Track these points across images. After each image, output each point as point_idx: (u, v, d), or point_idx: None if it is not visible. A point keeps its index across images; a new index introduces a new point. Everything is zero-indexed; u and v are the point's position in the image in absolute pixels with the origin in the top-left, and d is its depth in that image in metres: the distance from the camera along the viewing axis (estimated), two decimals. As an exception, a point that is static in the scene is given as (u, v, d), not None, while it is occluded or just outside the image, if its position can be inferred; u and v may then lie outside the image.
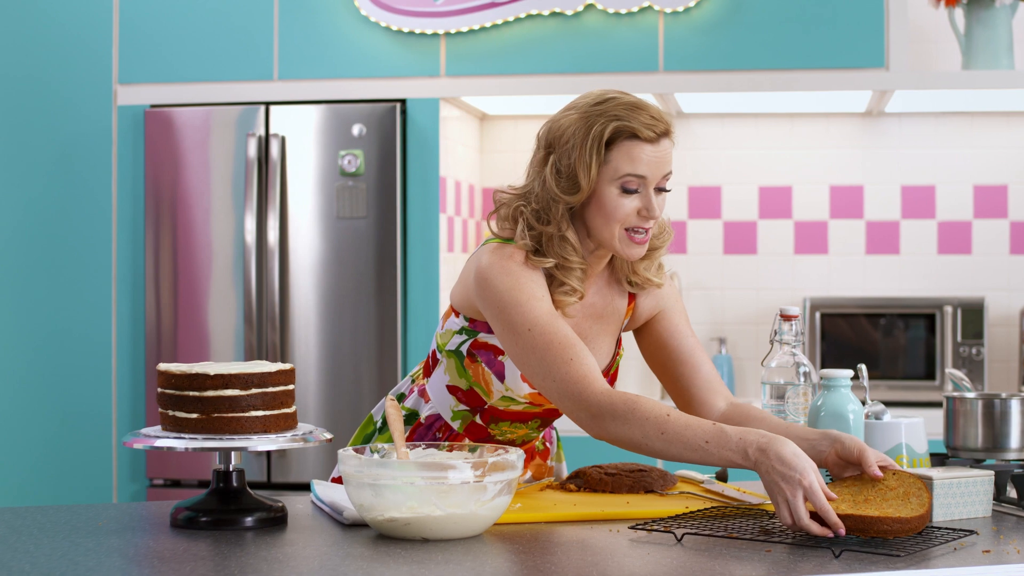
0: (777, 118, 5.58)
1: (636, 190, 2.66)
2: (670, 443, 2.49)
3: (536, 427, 2.93)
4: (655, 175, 2.67)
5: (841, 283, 5.53)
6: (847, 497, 2.37)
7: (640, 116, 2.64)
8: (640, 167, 2.64)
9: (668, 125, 2.68)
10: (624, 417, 2.54)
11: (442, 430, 2.91)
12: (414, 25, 5.03)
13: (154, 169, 5.17)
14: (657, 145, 2.66)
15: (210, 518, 2.46)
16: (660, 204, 2.70)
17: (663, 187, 2.69)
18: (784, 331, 2.83)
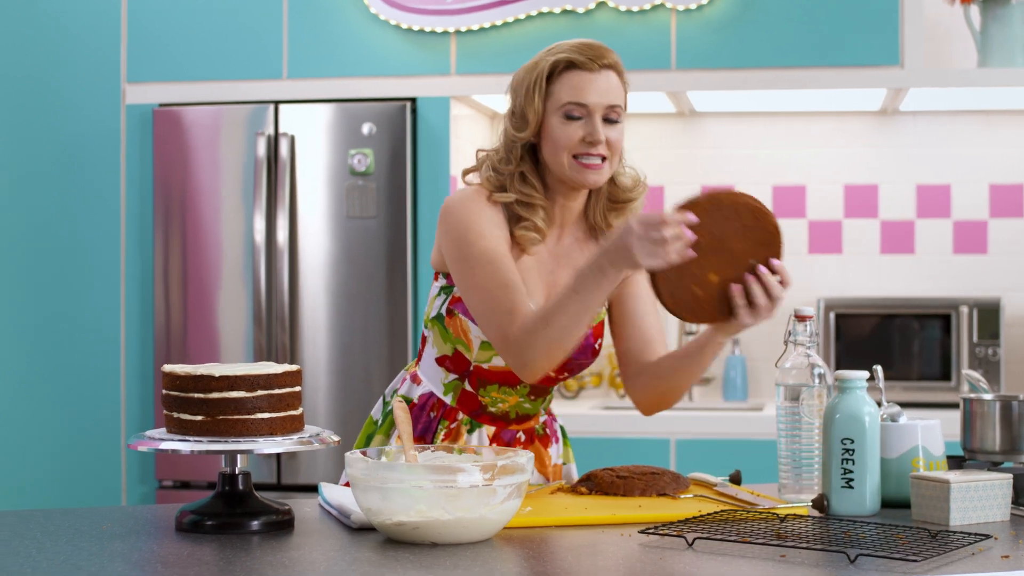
0: (791, 116, 5.54)
1: (579, 117, 2.79)
2: (556, 321, 2.65)
3: (526, 394, 2.94)
4: (597, 103, 2.78)
5: (856, 283, 5.49)
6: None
7: (582, 50, 2.80)
8: (579, 95, 2.78)
9: (611, 59, 2.81)
10: (528, 341, 2.69)
11: (436, 408, 2.96)
12: (424, 23, 5.00)
13: (163, 168, 5.14)
14: (597, 74, 2.79)
15: (215, 522, 2.43)
16: (613, 137, 2.81)
17: (611, 118, 2.81)
18: (798, 332, 2.79)
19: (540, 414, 3.02)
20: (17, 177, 5.24)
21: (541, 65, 2.83)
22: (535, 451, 3.00)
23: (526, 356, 2.71)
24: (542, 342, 2.68)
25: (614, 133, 2.82)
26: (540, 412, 3.02)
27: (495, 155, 2.90)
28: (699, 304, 2.66)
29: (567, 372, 2.95)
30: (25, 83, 5.24)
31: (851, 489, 2.59)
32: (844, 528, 2.39)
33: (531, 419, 3.00)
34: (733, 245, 2.63)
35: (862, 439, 2.59)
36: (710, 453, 4.83)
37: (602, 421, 4.96)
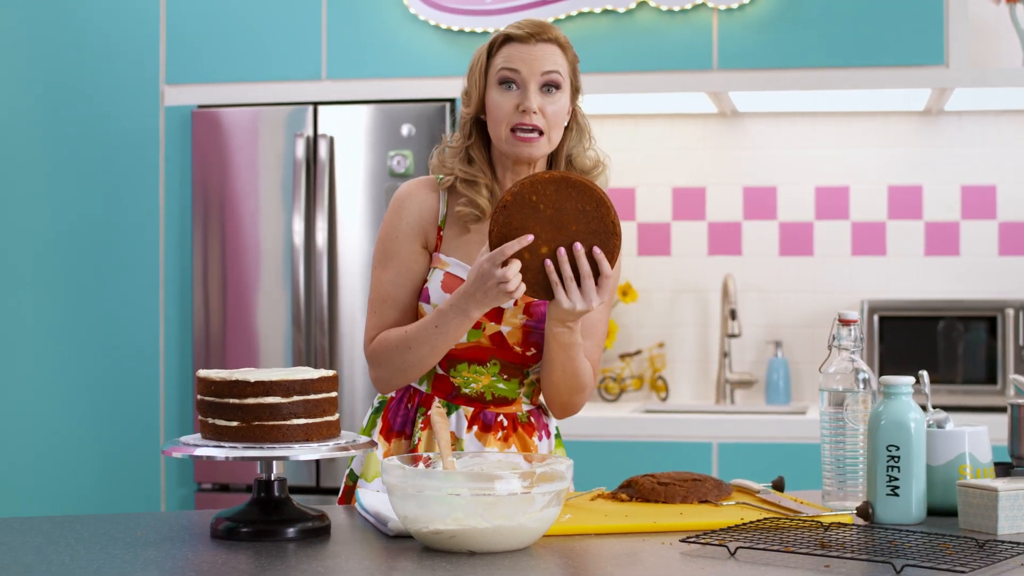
0: (834, 117, 5.48)
1: (513, 85, 2.83)
2: (416, 350, 2.81)
3: (497, 372, 2.93)
4: (530, 71, 2.81)
5: (899, 285, 5.43)
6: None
7: (521, 25, 2.86)
8: (513, 62, 2.82)
9: (552, 34, 2.85)
10: (386, 357, 2.88)
11: (412, 398, 2.98)
12: (464, 23, 4.97)
13: (202, 170, 5.13)
14: (530, 44, 2.83)
15: (251, 529, 2.40)
16: (551, 109, 2.83)
17: (552, 83, 2.84)
18: (843, 336, 2.74)
19: (520, 400, 2.98)
20: (56, 179, 5.24)
21: (487, 42, 2.91)
22: (519, 439, 2.96)
23: (380, 371, 2.90)
24: (399, 363, 2.85)
25: (551, 104, 2.84)
26: (520, 397, 2.98)
27: (451, 138, 2.98)
28: (524, 269, 2.68)
29: (533, 347, 2.92)
30: (64, 85, 5.24)
31: (896, 497, 2.55)
32: (889, 537, 2.35)
33: (511, 404, 2.97)
34: (570, 225, 2.67)
35: (908, 446, 2.55)
36: (753, 457, 4.78)
37: (643, 424, 4.92)
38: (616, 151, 5.58)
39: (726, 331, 5.37)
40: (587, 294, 2.68)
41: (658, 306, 5.56)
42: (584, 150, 2.96)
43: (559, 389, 2.91)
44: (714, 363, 5.53)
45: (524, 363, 2.94)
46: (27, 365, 5.24)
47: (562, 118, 2.87)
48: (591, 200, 2.67)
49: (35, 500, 5.20)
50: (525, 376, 2.97)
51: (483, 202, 2.90)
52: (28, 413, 5.23)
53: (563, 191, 2.66)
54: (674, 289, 5.55)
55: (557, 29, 2.89)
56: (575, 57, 2.92)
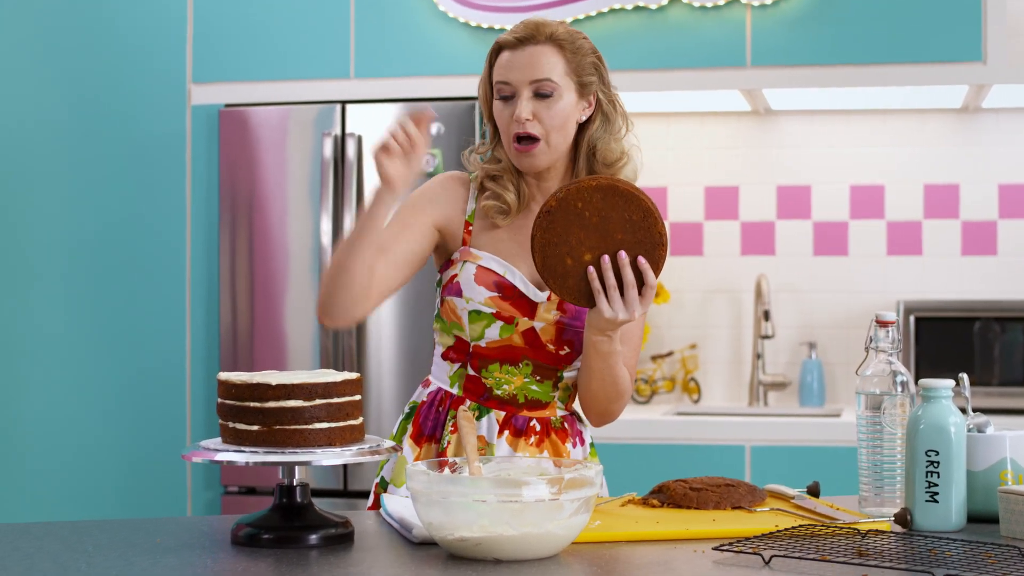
0: (869, 114, 5.42)
1: (509, 97, 2.80)
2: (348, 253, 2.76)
3: (530, 373, 2.88)
4: (519, 79, 2.78)
5: (936, 285, 5.36)
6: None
7: (512, 29, 2.83)
8: (502, 74, 2.80)
9: (542, 33, 2.80)
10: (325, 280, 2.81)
11: (443, 402, 2.94)
12: (493, 21, 4.93)
13: (229, 170, 5.10)
14: (518, 50, 2.80)
15: (272, 535, 2.35)
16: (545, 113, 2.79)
17: (543, 92, 2.78)
18: (880, 338, 2.68)
19: (555, 403, 2.93)
20: (82, 180, 5.22)
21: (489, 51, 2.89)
22: (551, 444, 2.92)
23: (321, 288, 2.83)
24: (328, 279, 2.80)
25: (546, 109, 2.79)
26: (554, 401, 2.93)
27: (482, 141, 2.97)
28: (566, 275, 2.65)
29: (567, 346, 2.87)
30: (90, 84, 5.22)
31: (936, 504, 2.48)
32: (929, 545, 2.29)
33: (544, 407, 2.92)
34: (615, 233, 2.64)
35: (947, 451, 2.49)
36: (786, 460, 4.73)
37: (675, 427, 4.87)
38: (648, 150, 5.51)
39: (759, 332, 5.33)
40: (630, 304, 2.64)
41: (690, 307, 5.51)
42: (609, 140, 2.89)
43: (597, 397, 2.86)
44: (747, 365, 5.48)
45: (557, 364, 2.89)
46: (54, 368, 5.22)
47: (562, 120, 2.81)
48: (638, 210, 2.63)
49: (61, 503, 5.18)
50: (559, 379, 2.91)
51: (509, 196, 2.87)
52: (55, 416, 5.22)
53: (609, 199, 2.62)
54: (707, 290, 5.50)
55: (556, 26, 2.83)
56: (582, 49, 2.84)
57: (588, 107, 2.87)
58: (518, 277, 2.86)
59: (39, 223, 5.23)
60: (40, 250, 5.23)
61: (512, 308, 2.85)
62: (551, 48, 2.80)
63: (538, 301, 2.85)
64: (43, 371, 5.23)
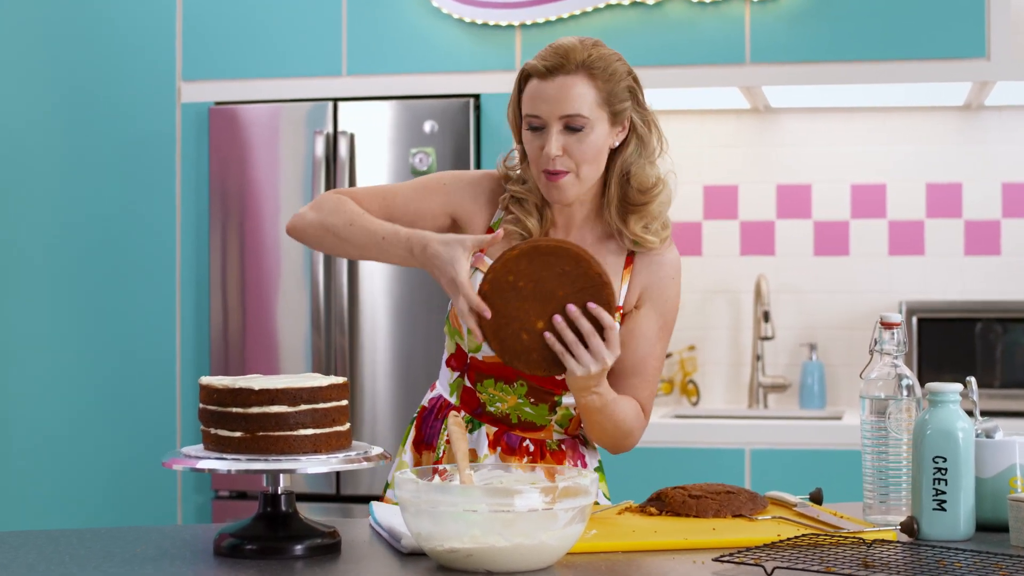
0: (870, 112, 5.36)
1: (539, 128, 2.70)
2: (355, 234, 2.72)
3: (524, 394, 2.80)
4: (549, 112, 2.68)
5: (938, 286, 5.30)
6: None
7: (543, 56, 2.70)
8: (533, 106, 2.70)
9: (573, 61, 2.68)
10: (326, 205, 2.78)
11: (442, 409, 2.88)
12: (488, 16, 4.86)
13: (219, 168, 5.03)
14: (548, 81, 2.68)
15: (256, 546, 2.28)
16: (577, 148, 2.69)
17: (573, 127, 2.68)
18: (885, 340, 2.61)
19: (551, 427, 2.85)
20: (70, 178, 5.16)
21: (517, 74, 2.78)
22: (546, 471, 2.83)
23: (313, 213, 2.80)
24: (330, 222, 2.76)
25: (577, 143, 2.68)
26: (550, 425, 2.84)
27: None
28: (528, 350, 2.59)
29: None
30: (79, 82, 5.16)
31: (943, 512, 2.42)
32: (937, 556, 2.22)
33: (539, 430, 2.84)
34: (556, 291, 2.57)
35: (955, 457, 2.42)
36: (787, 464, 4.67)
37: (673, 430, 4.81)
38: (645, 148, 5.48)
39: (759, 333, 5.27)
40: (597, 352, 2.55)
41: (689, 308, 5.45)
42: (644, 165, 2.78)
43: (604, 441, 2.80)
44: (747, 366, 5.42)
45: (554, 388, 2.80)
46: (40, 369, 5.16)
47: (594, 153, 2.70)
48: (567, 260, 2.56)
49: (48, 508, 5.13)
50: (556, 404, 2.83)
51: (531, 222, 2.78)
52: (41, 419, 5.16)
53: (536, 261, 2.56)
54: (705, 290, 5.44)
55: (589, 51, 2.70)
56: (616, 75, 2.71)
57: (622, 131, 2.76)
58: None
59: (26, 221, 5.17)
60: (26, 249, 5.17)
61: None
62: (582, 78, 2.68)
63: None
64: (29, 372, 5.17)
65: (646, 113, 2.79)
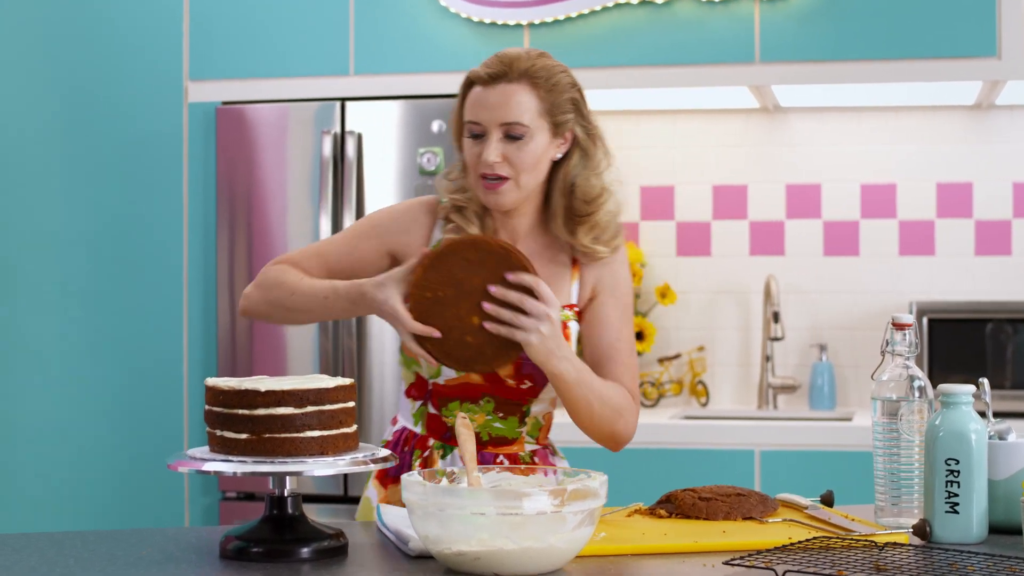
0: (880, 112, 5.32)
1: (480, 136, 2.70)
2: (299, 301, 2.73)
3: (492, 410, 2.78)
4: (490, 119, 2.68)
5: (949, 286, 5.27)
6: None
7: (486, 63, 2.73)
8: (474, 112, 2.70)
9: (515, 70, 2.69)
10: (267, 282, 2.80)
11: (407, 441, 2.85)
12: (496, 16, 4.83)
13: (226, 169, 5.01)
14: (490, 88, 2.69)
15: (262, 548, 2.26)
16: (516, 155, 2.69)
17: (513, 135, 2.68)
18: (896, 341, 2.58)
19: (523, 439, 2.82)
20: (76, 179, 5.13)
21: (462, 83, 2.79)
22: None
23: (256, 291, 2.81)
24: (274, 296, 2.78)
25: (516, 151, 2.69)
26: (521, 436, 2.82)
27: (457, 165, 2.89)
28: (479, 350, 2.58)
29: (528, 379, 2.77)
30: (86, 81, 5.14)
31: (956, 514, 2.39)
32: (949, 559, 2.19)
33: (511, 443, 2.82)
34: (473, 282, 2.56)
35: (968, 459, 2.39)
36: (796, 465, 4.64)
37: (682, 431, 4.78)
38: (654, 148, 5.46)
39: (768, 334, 5.24)
40: (536, 310, 2.54)
41: (698, 308, 5.42)
42: (589, 176, 2.79)
43: (596, 426, 2.74)
44: (756, 367, 5.38)
45: (520, 398, 2.79)
46: (47, 371, 5.14)
47: (533, 161, 2.71)
48: (467, 250, 2.57)
49: (55, 510, 5.11)
50: (525, 414, 2.81)
51: (473, 230, 2.78)
52: (48, 421, 5.14)
53: (441, 267, 2.57)
54: (714, 291, 5.41)
55: (533, 60, 2.71)
56: (559, 86, 2.73)
57: (564, 143, 2.77)
58: None
59: (32, 222, 5.15)
60: (33, 250, 5.15)
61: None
62: (524, 87, 2.69)
63: None
64: (36, 374, 5.15)
65: (590, 126, 2.80)
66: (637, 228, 5.46)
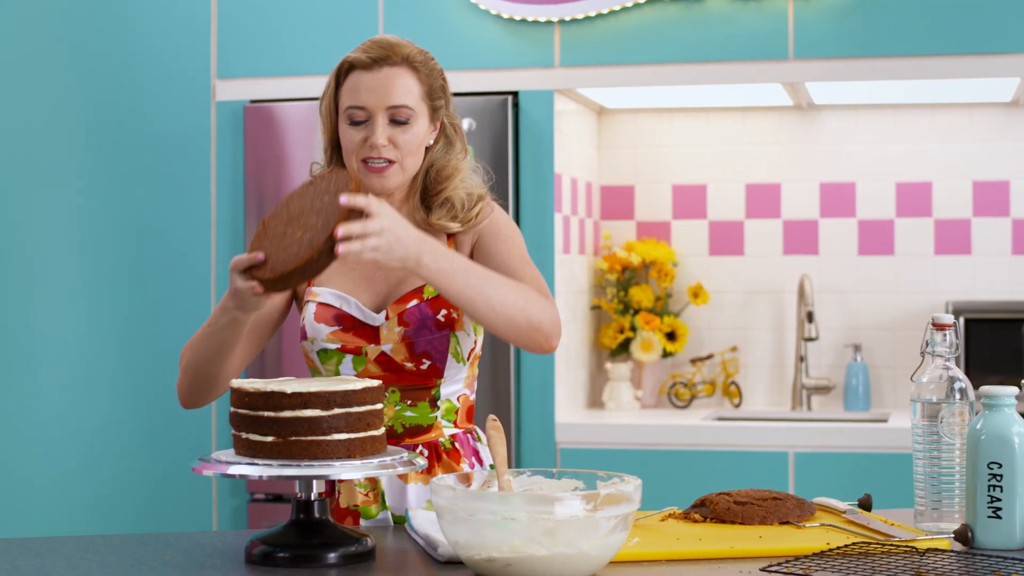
0: (916, 109, 5.26)
1: (362, 121, 2.70)
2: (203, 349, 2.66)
3: (399, 400, 2.73)
4: (375, 103, 2.69)
5: (985, 286, 5.20)
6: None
7: (366, 48, 2.71)
8: (357, 97, 2.70)
9: (398, 55, 2.71)
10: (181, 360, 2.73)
11: None
12: (526, 12, 4.78)
13: (254, 168, 4.97)
14: (376, 73, 2.70)
15: (288, 553, 2.22)
16: (401, 138, 2.70)
17: (399, 119, 2.70)
18: (937, 342, 2.52)
19: (439, 424, 2.76)
20: (104, 178, 5.10)
21: (333, 69, 2.77)
22: (445, 467, 2.74)
23: (180, 375, 2.75)
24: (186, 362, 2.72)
25: (402, 134, 2.71)
26: (437, 422, 2.76)
27: (319, 164, 2.87)
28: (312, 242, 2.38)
29: (425, 358, 2.72)
30: (113, 81, 5.10)
31: (999, 519, 2.34)
32: (993, 566, 2.15)
33: (428, 431, 2.76)
34: (302, 208, 2.45)
35: (1011, 463, 2.34)
36: (831, 467, 4.58)
37: (715, 433, 4.72)
38: (686, 146, 5.41)
39: (802, 334, 5.18)
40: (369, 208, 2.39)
41: (731, 308, 5.36)
42: (450, 160, 2.80)
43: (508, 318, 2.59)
44: (790, 368, 5.33)
45: (426, 381, 2.74)
46: (74, 371, 5.11)
47: (417, 144, 2.73)
48: (302, 187, 2.50)
49: (84, 511, 5.08)
50: (436, 398, 2.76)
51: None
52: (75, 422, 5.11)
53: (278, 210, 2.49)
54: (748, 290, 5.36)
55: (410, 47, 2.73)
56: (434, 72, 2.77)
57: (434, 130, 2.79)
58: (354, 305, 2.74)
59: (60, 222, 5.12)
60: (60, 249, 5.12)
61: (355, 338, 2.73)
62: (407, 71, 2.72)
63: (377, 324, 2.72)
64: (63, 375, 5.12)
65: (454, 117, 2.83)
66: (669, 227, 5.41)
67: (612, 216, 5.47)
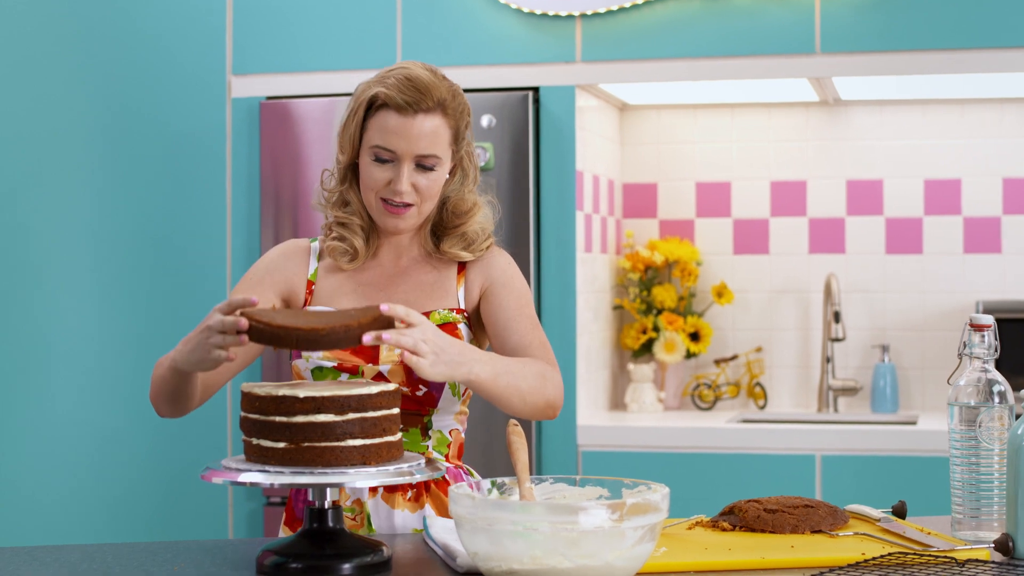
0: (945, 104, 5.17)
1: (387, 160, 2.67)
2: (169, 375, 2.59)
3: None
4: (406, 150, 2.65)
5: (1016, 285, 5.12)
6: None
7: (403, 88, 2.64)
8: (389, 140, 2.65)
9: (434, 99, 2.65)
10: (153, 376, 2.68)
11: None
12: (547, 6, 4.70)
13: (271, 164, 4.90)
14: (410, 119, 2.64)
15: (301, 564, 2.14)
16: (424, 184, 2.67)
17: (426, 165, 2.66)
18: (975, 343, 2.44)
19: (429, 454, 2.68)
20: (119, 176, 5.04)
21: (365, 94, 2.69)
22: (433, 498, 2.66)
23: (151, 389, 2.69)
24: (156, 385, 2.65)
25: (425, 180, 2.67)
26: (427, 451, 2.68)
27: (331, 172, 2.83)
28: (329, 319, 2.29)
29: (422, 384, 2.65)
30: (128, 77, 5.05)
31: (1042, 529, 2.24)
32: (1037, 577, 2.05)
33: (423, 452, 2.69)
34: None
35: (1054, 470, 2.24)
36: (859, 471, 4.49)
37: (740, 435, 4.63)
38: (710, 142, 5.33)
39: (829, 335, 5.09)
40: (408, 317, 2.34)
41: (756, 308, 5.28)
42: (463, 192, 2.78)
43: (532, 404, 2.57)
44: (816, 369, 5.24)
45: (418, 408, 2.66)
46: (88, 372, 5.06)
47: (437, 188, 2.71)
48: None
49: (96, 518, 5.02)
50: (427, 426, 2.68)
51: (357, 242, 2.76)
52: (89, 425, 5.06)
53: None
54: (773, 290, 5.27)
55: (442, 87, 2.67)
56: (460, 110, 2.70)
57: (451, 165, 2.76)
58: None
59: (75, 219, 5.06)
60: (75, 248, 5.06)
61: (353, 356, 2.66)
62: (438, 117, 2.66)
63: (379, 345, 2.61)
64: (77, 376, 5.06)
65: (470, 145, 2.79)
66: (692, 225, 5.33)
67: (635, 214, 5.40)
